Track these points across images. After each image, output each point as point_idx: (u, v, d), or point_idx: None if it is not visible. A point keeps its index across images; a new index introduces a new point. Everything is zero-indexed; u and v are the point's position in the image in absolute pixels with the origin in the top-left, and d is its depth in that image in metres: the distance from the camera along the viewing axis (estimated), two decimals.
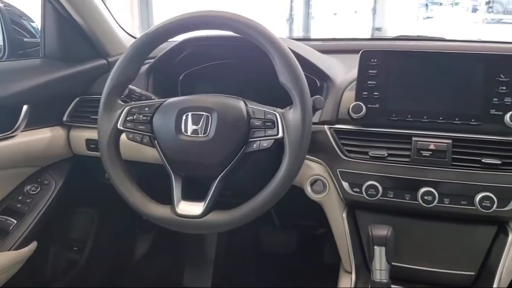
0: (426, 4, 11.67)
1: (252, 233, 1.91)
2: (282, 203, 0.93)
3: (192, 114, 0.93)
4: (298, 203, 1.13)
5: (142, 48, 0.96)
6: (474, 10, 11.54)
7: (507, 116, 0.95)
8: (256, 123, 0.92)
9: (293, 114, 0.90)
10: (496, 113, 0.97)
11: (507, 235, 0.98)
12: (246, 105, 0.94)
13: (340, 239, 1.09)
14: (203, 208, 0.92)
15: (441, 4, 12.95)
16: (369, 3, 8.46)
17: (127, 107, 0.97)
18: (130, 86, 1.02)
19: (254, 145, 0.91)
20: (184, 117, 0.93)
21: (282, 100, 0.93)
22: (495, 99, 0.97)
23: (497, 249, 1.00)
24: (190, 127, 0.93)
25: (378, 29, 8.31)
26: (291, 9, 7.16)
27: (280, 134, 0.89)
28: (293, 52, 0.93)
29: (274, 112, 0.92)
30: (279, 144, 0.91)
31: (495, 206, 0.94)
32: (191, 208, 0.93)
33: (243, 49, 1.07)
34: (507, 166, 0.95)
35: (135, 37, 1.49)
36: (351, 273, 1.08)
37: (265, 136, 0.91)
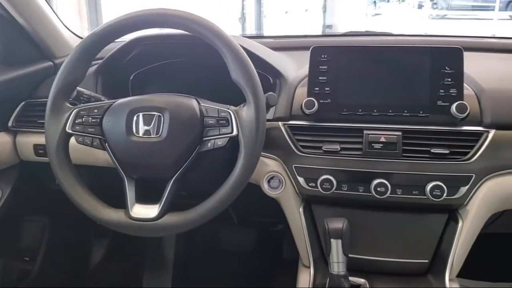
0: (374, 1, 12.00)
1: (211, 232, 1.90)
2: (240, 201, 0.93)
3: (143, 115, 0.91)
4: (256, 200, 1.13)
5: (89, 48, 0.94)
6: (420, 6, 11.97)
7: (453, 107, 0.98)
8: (209, 122, 0.91)
9: (247, 112, 0.89)
10: (442, 104, 1.00)
11: (457, 222, 1.02)
12: (199, 103, 0.93)
13: (297, 234, 1.09)
14: (158, 210, 0.90)
15: (388, 1, 13.35)
16: (319, 1, 8.59)
17: (76, 110, 0.94)
18: (78, 88, 0.99)
19: (209, 144, 0.90)
20: (135, 117, 0.91)
21: (236, 98, 0.92)
22: (441, 91, 1.00)
23: (448, 236, 1.03)
24: (142, 127, 0.91)
25: (329, 26, 8.45)
26: (243, 8, 7.16)
27: (235, 132, 0.89)
28: (245, 49, 0.93)
29: (228, 110, 0.91)
30: (234, 142, 0.90)
31: (445, 194, 0.97)
32: (145, 211, 0.91)
33: (195, 47, 1.06)
34: (455, 155, 0.98)
35: (82, 38, 1.45)
36: (309, 267, 1.09)
37: (220, 134, 0.90)
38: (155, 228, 0.91)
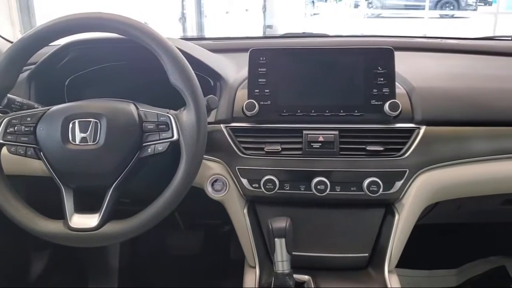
0: (313, 1, 12.27)
1: (157, 238, 1.87)
2: (185, 204, 0.92)
3: (79, 121, 0.89)
4: (202, 203, 1.13)
5: (19, 53, 0.90)
6: (356, 6, 12.37)
7: (386, 106, 1.02)
8: (149, 127, 0.90)
9: (187, 115, 0.89)
10: (376, 103, 1.04)
11: (393, 216, 1.06)
12: (137, 108, 0.91)
13: (242, 235, 1.10)
14: (98, 219, 0.88)
15: (326, 1, 13.69)
16: (259, 2, 8.66)
17: (7, 118, 0.90)
18: (8, 95, 0.94)
19: (149, 149, 0.89)
20: (70, 125, 0.88)
21: (177, 102, 0.92)
22: (374, 90, 1.04)
23: (386, 230, 1.08)
24: (78, 135, 0.88)
25: (270, 26, 8.54)
26: (183, 8, 7.09)
27: (175, 137, 0.88)
28: (183, 52, 0.93)
29: (167, 114, 0.90)
30: (175, 146, 0.89)
31: (381, 189, 1.01)
32: (85, 221, 0.89)
33: (134, 50, 1.04)
34: (389, 151, 1.03)
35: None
36: (255, 267, 1.10)
37: (160, 139, 0.89)
38: (96, 238, 0.89)
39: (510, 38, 1.59)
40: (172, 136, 0.88)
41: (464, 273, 1.84)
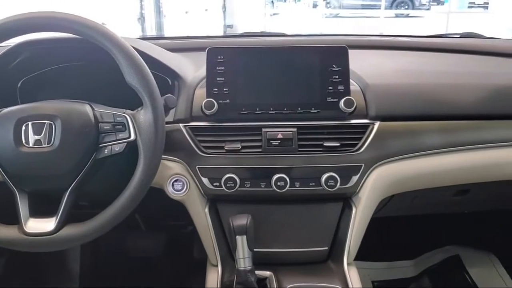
0: (272, 1, 12.35)
1: (118, 240, 1.85)
2: (146, 206, 0.92)
3: (32, 123, 0.86)
4: (163, 204, 1.12)
5: None
6: (315, 5, 12.56)
7: (341, 102, 1.05)
8: (105, 127, 0.88)
9: (144, 115, 0.88)
10: (332, 100, 1.06)
11: (351, 209, 1.09)
12: (92, 109, 0.90)
13: (204, 234, 1.10)
14: (55, 223, 0.86)
15: (285, 1, 13.82)
16: (219, 1, 8.64)
17: None
18: None
19: (106, 150, 0.88)
20: (23, 127, 0.86)
21: (135, 101, 0.91)
22: (330, 88, 1.06)
23: (344, 223, 1.10)
24: (32, 137, 0.86)
25: (230, 26, 8.55)
26: (141, 8, 6.98)
27: (132, 137, 0.88)
28: (139, 51, 0.92)
29: (124, 114, 0.89)
30: (132, 147, 0.89)
31: (338, 184, 1.03)
32: (41, 225, 0.87)
33: (89, 50, 1.02)
34: (345, 147, 1.05)
35: None
36: (217, 266, 1.10)
37: (117, 140, 0.88)
38: (53, 242, 0.87)
39: (459, 36, 1.66)
40: (129, 136, 0.88)
41: (422, 263, 1.91)
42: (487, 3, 10.26)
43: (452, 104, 1.13)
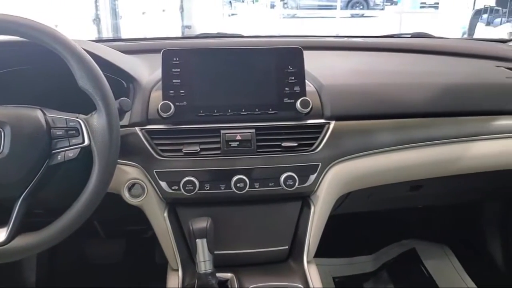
0: (230, 2, 12.33)
1: (76, 248, 1.80)
2: (104, 212, 0.90)
3: None
4: (121, 209, 1.10)
5: None
6: (272, 6, 12.63)
7: (298, 103, 1.06)
8: (57, 133, 0.86)
9: (98, 119, 0.87)
10: (288, 101, 1.07)
11: (309, 208, 1.10)
12: (44, 114, 0.87)
13: (163, 239, 1.09)
14: (6, 233, 0.83)
15: (243, 1, 13.84)
16: (176, 2, 8.56)
17: None
18: None
19: (59, 156, 0.86)
20: None
21: (89, 106, 0.89)
22: (286, 89, 1.07)
23: (303, 222, 1.12)
24: None
25: (188, 27, 8.48)
26: (96, 9, 6.82)
27: (86, 142, 0.86)
28: (91, 54, 0.90)
29: (77, 119, 0.87)
30: (87, 152, 0.87)
31: (297, 183, 1.05)
32: None
33: (39, 53, 0.99)
34: (302, 147, 1.06)
35: None
36: (178, 270, 1.10)
37: (70, 145, 0.86)
38: (5, 253, 0.84)
39: (409, 36, 1.72)
40: (83, 142, 0.86)
41: (380, 258, 1.96)
42: (438, 3, 10.64)
43: (403, 103, 1.17)
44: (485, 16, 6.86)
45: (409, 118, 1.16)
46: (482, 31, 6.62)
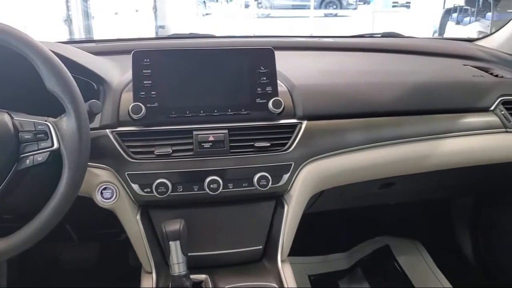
0: (204, 1, 12.28)
1: (49, 254, 1.76)
2: (77, 215, 0.88)
3: None
4: (94, 212, 1.09)
5: None
6: (247, 6, 12.63)
7: (270, 103, 1.06)
8: (26, 137, 0.84)
9: (67, 122, 0.85)
10: (261, 101, 1.08)
11: (283, 207, 1.11)
12: (11, 117, 0.85)
13: (136, 242, 1.08)
14: None
15: (217, 1, 13.81)
16: (149, 2, 8.48)
17: None
18: None
19: (27, 160, 0.84)
20: None
21: (57, 108, 0.87)
22: (259, 89, 1.08)
23: (277, 221, 1.12)
24: None
25: (162, 27, 8.41)
26: (68, 9, 6.70)
27: (55, 145, 0.84)
28: (59, 55, 0.89)
29: (45, 122, 0.86)
30: (56, 156, 0.85)
31: (270, 183, 1.05)
32: None
33: (7, 55, 0.97)
34: (275, 147, 1.07)
35: None
36: (151, 272, 1.09)
37: (39, 149, 0.84)
38: None
39: (380, 36, 1.74)
40: (52, 145, 0.84)
41: (354, 255, 1.99)
42: (409, 3, 10.83)
43: (373, 102, 1.19)
44: (455, 15, 7.01)
45: (380, 117, 1.18)
46: (453, 30, 6.78)
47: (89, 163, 0.91)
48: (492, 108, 1.28)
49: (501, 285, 1.74)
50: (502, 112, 1.28)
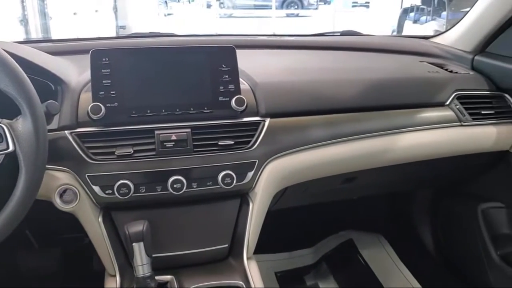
0: (166, 1, 12.16)
1: (7, 261, 1.70)
2: (35, 220, 0.86)
3: None
4: (54, 217, 1.06)
5: None
6: (209, 6, 12.59)
7: (233, 101, 1.06)
8: None
9: (23, 124, 0.83)
10: (223, 99, 1.07)
11: (248, 205, 1.11)
12: None
13: (99, 245, 1.06)
14: None
15: (178, 1, 13.70)
16: (110, 2, 8.32)
17: None
18: None
19: None
20: None
21: (13, 109, 0.84)
22: (221, 87, 1.07)
23: (242, 219, 1.12)
24: None
25: (123, 27, 8.27)
26: (24, 9, 6.49)
27: (11, 148, 0.81)
28: (13, 55, 0.86)
29: (0, 124, 0.83)
30: (12, 158, 0.82)
31: (235, 181, 1.05)
32: None
33: None
34: (239, 145, 1.07)
35: None
36: (115, 275, 1.07)
37: None
38: None
39: (339, 34, 1.77)
40: (7, 148, 0.81)
41: (319, 250, 2.02)
42: (368, 2, 11.08)
43: (334, 98, 1.21)
44: (412, 14, 7.22)
45: (340, 113, 1.20)
46: (410, 28, 6.98)
47: (47, 166, 0.89)
48: (447, 103, 1.33)
49: (460, 274, 1.80)
50: (457, 107, 1.33)
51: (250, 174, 1.08)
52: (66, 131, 1.01)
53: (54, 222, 1.41)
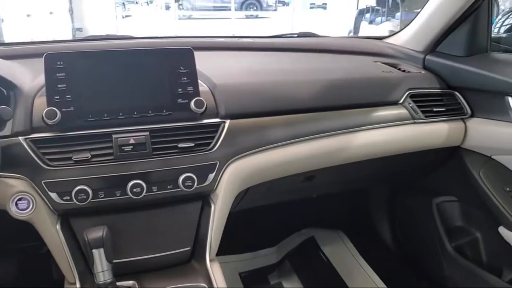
0: (123, 3, 11.96)
1: None
2: None
3: None
4: (10, 225, 1.03)
5: None
6: (167, 7, 12.47)
7: (192, 103, 1.06)
8: None
9: None
10: (182, 101, 1.07)
11: (210, 207, 1.11)
12: None
13: (57, 253, 1.03)
14: None
15: (136, 2, 13.51)
16: (65, 4, 8.11)
17: None
18: None
19: None
20: None
21: None
22: (180, 90, 1.07)
23: (204, 221, 1.12)
24: None
25: (79, 29, 8.10)
26: None
27: None
28: None
29: None
30: None
31: (196, 183, 1.05)
32: None
33: None
34: (199, 147, 1.07)
35: None
36: (75, 283, 1.05)
37: None
38: None
39: (296, 36, 1.80)
40: None
41: (282, 248, 2.04)
42: (325, 4, 11.28)
43: (292, 99, 1.23)
44: (368, 15, 7.40)
45: (299, 114, 1.23)
46: (366, 29, 7.14)
47: (1, 173, 0.86)
48: (401, 101, 1.37)
49: (418, 266, 1.86)
50: (410, 105, 1.38)
51: (211, 176, 1.08)
52: (20, 137, 0.98)
53: (10, 231, 1.36)
